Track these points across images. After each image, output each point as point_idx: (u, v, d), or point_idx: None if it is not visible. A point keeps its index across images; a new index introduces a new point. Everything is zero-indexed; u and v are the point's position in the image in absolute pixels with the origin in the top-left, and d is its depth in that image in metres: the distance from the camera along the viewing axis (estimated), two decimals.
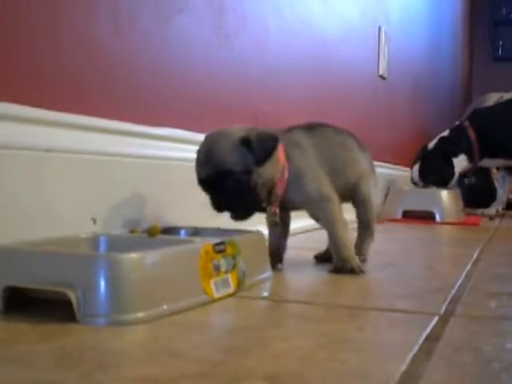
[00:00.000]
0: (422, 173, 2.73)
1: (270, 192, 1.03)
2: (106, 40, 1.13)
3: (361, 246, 1.17)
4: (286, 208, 1.09)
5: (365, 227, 1.19)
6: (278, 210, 1.06)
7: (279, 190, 1.04)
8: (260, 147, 0.97)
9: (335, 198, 1.07)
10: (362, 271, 1.05)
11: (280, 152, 1.03)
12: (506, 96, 3.71)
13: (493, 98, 4.11)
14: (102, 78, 1.13)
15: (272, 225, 1.09)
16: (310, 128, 1.14)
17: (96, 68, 1.12)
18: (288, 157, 1.05)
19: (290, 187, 1.05)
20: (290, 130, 1.12)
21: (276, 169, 1.02)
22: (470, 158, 2.72)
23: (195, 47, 1.42)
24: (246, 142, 0.97)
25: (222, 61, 1.53)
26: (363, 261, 1.12)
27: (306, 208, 1.11)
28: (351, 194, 1.15)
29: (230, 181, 0.97)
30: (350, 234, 1.11)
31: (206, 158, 0.99)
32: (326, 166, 1.09)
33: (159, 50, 1.29)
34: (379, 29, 2.92)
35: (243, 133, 0.99)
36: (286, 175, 1.04)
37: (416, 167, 2.76)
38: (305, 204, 1.08)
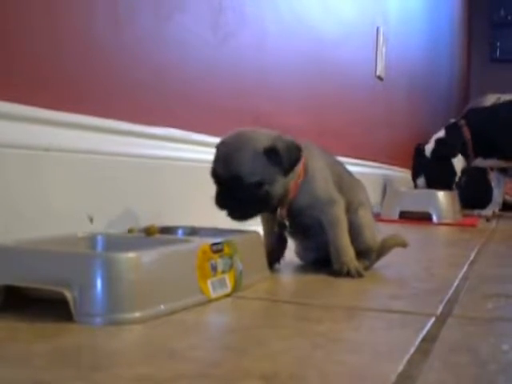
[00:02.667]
0: (430, 184, 2.71)
1: (283, 197, 1.03)
2: (104, 39, 1.13)
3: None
4: (291, 211, 1.07)
5: (363, 257, 1.12)
6: (285, 216, 1.06)
7: (291, 193, 1.04)
8: (287, 158, 0.97)
9: (342, 202, 1.07)
10: (359, 275, 1.04)
11: (301, 171, 1.04)
12: (504, 97, 3.72)
13: (490, 99, 4.12)
14: (100, 77, 1.13)
15: (280, 226, 1.08)
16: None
17: (94, 67, 1.11)
18: (307, 167, 1.06)
19: (301, 189, 1.05)
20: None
21: (294, 177, 1.02)
22: (465, 157, 2.73)
23: (193, 46, 1.42)
24: (271, 152, 0.97)
25: (220, 60, 1.53)
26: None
27: (311, 211, 1.06)
28: (350, 220, 1.10)
29: (241, 190, 0.97)
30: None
31: (225, 159, 0.98)
32: (333, 178, 1.09)
33: (157, 49, 1.29)
34: (377, 29, 2.92)
35: (269, 141, 0.98)
36: (300, 179, 1.04)
37: (422, 180, 2.73)
38: (312, 207, 1.06)
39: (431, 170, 2.71)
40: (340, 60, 2.48)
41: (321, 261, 1.12)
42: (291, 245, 1.17)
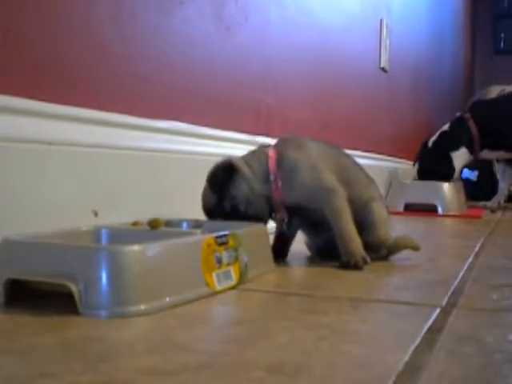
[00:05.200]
0: (420, 173, 2.73)
1: (269, 207, 1.07)
2: (106, 32, 1.13)
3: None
4: (295, 210, 1.08)
5: (374, 251, 1.12)
6: (286, 218, 1.08)
7: (278, 196, 1.06)
8: (213, 181, 1.07)
9: (340, 190, 1.06)
10: (365, 262, 1.03)
11: (271, 163, 1.07)
12: (508, 89, 3.71)
13: (495, 91, 4.11)
14: (102, 71, 1.13)
15: (281, 228, 1.11)
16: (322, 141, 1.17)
17: (97, 61, 1.11)
18: (282, 158, 1.07)
19: (286, 187, 1.06)
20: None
21: (255, 184, 1.06)
22: (471, 151, 2.72)
23: (196, 39, 1.42)
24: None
25: (223, 53, 1.53)
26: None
27: (310, 204, 1.06)
28: (362, 215, 1.10)
29: (216, 214, 1.07)
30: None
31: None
32: (335, 172, 1.09)
33: (160, 43, 1.29)
34: (381, 21, 2.91)
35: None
36: (280, 183, 1.06)
37: (416, 167, 2.76)
38: (307, 199, 1.06)
39: (427, 159, 2.72)
40: (344, 52, 2.47)
41: (329, 252, 1.11)
42: (300, 237, 1.17)
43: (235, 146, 1.56)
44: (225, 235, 0.87)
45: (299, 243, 1.18)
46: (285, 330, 0.66)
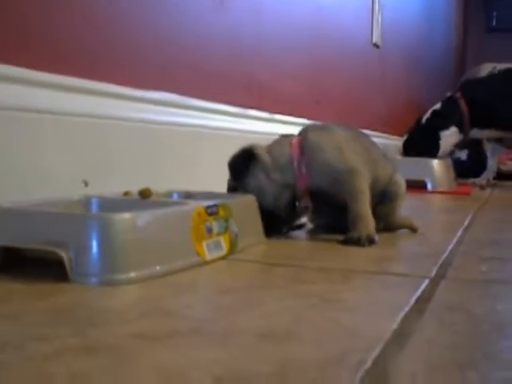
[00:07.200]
0: (405, 148, 2.75)
1: (290, 197, 1.07)
2: (100, 4, 1.12)
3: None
4: (318, 196, 1.07)
5: (388, 224, 1.16)
6: (310, 205, 1.07)
7: (302, 184, 1.05)
8: (231, 167, 1.08)
9: (363, 171, 1.06)
10: (371, 242, 1.00)
11: (293, 149, 1.07)
12: (499, 67, 3.70)
13: (486, 69, 4.11)
14: (96, 42, 1.12)
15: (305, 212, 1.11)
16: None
17: (90, 32, 1.10)
18: (305, 142, 1.07)
19: (311, 171, 1.05)
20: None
21: (273, 173, 1.05)
22: (461, 130, 2.73)
23: (190, 11, 1.41)
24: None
25: (216, 25, 1.52)
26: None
27: (334, 187, 1.05)
28: (383, 189, 1.13)
29: None
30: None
31: None
32: (359, 154, 1.10)
33: (153, 14, 1.28)
34: None
35: None
36: (304, 169, 1.05)
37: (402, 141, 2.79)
38: (331, 181, 1.04)
39: (414, 135, 2.75)
40: (336, 27, 2.46)
41: (332, 227, 1.12)
42: None
43: (227, 118, 1.55)
44: (215, 205, 0.87)
45: None
46: (274, 299, 0.66)
